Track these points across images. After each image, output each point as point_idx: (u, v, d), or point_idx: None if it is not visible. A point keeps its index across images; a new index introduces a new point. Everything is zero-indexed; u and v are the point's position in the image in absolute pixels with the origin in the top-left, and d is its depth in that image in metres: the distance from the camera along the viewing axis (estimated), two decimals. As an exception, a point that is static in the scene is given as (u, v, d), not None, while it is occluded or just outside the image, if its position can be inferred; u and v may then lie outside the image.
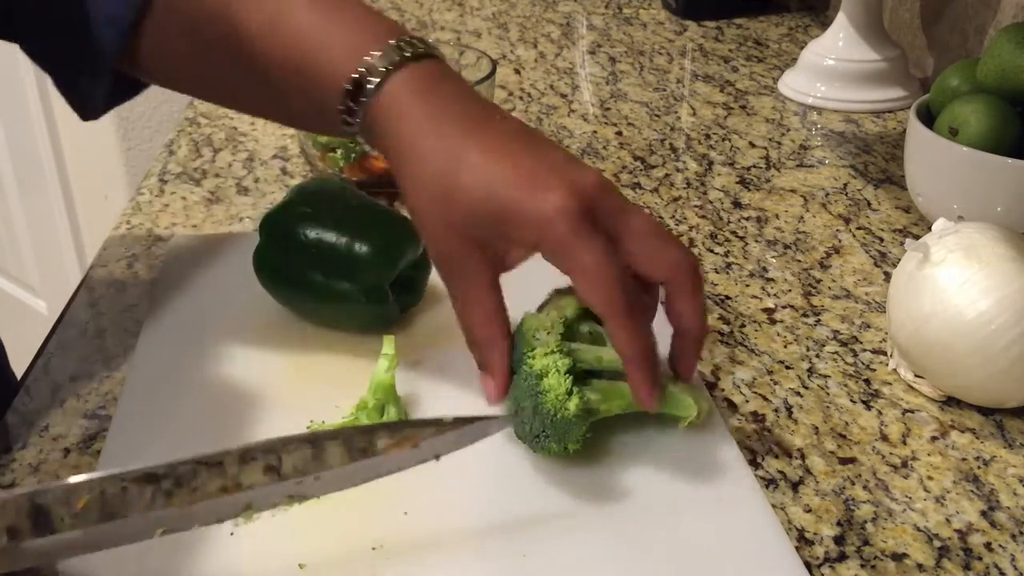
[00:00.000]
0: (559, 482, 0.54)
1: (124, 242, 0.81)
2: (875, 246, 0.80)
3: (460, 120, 0.54)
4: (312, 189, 0.70)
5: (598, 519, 0.52)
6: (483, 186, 0.51)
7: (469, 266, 0.53)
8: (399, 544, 0.50)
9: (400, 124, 0.54)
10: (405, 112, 0.54)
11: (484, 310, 0.54)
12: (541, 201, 0.50)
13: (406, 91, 0.54)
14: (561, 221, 0.50)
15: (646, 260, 0.52)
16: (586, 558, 0.49)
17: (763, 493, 0.54)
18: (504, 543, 0.50)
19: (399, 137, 0.54)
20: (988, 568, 0.51)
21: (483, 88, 0.90)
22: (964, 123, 0.74)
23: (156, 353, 0.65)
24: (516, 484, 0.54)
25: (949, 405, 0.62)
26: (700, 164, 0.93)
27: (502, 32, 1.31)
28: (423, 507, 0.52)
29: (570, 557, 0.49)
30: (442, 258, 0.54)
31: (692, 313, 0.54)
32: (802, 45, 1.13)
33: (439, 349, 0.64)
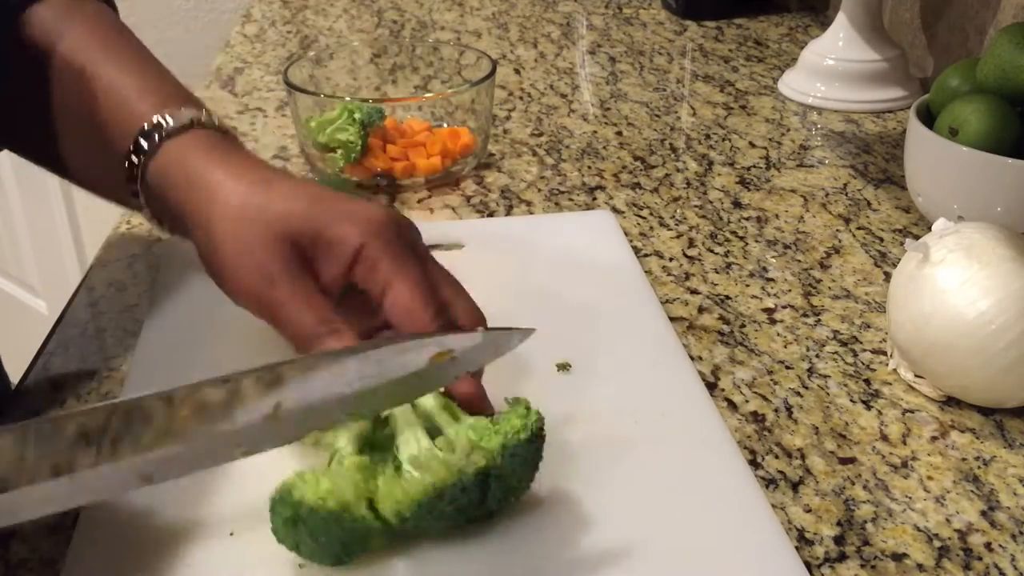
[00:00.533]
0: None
1: (124, 242, 0.81)
2: (875, 246, 0.80)
3: (259, 165, 0.55)
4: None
5: (596, 519, 0.52)
6: (301, 198, 0.52)
7: (290, 268, 0.51)
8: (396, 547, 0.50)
9: (190, 164, 0.54)
10: (196, 156, 0.55)
11: (318, 309, 0.51)
12: (367, 208, 0.52)
13: (198, 143, 0.55)
14: (390, 225, 0.52)
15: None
16: (584, 558, 0.49)
17: (763, 493, 0.54)
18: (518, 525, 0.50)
19: (197, 177, 0.54)
20: (988, 568, 0.51)
21: (483, 88, 0.90)
22: (964, 123, 0.74)
23: (156, 352, 0.65)
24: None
25: (949, 405, 0.62)
26: (700, 164, 0.93)
27: (502, 32, 1.31)
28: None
29: (565, 558, 0.49)
30: (257, 271, 0.51)
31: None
32: (802, 45, 1.13)
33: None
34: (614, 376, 0.62)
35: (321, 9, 1.41)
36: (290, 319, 0.51)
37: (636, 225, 0.83)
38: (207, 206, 0.53)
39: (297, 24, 1.36)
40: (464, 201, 0.87)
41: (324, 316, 0.50)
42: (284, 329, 0.51)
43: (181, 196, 0.55)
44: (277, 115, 1.05)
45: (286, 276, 0.51)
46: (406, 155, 0.88)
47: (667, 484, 0.54)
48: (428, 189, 0.89)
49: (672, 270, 0.76)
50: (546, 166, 0.93)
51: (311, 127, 0.88)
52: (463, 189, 0.89)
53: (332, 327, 0.50)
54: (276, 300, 0.51)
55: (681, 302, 0.72)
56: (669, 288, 0.74)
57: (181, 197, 0.55)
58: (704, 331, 0.69)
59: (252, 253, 0.51)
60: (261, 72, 1.18)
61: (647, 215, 0.85)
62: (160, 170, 0.56)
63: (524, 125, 1.02)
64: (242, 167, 0.55)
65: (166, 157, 0.55)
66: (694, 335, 0.69)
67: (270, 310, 0.51)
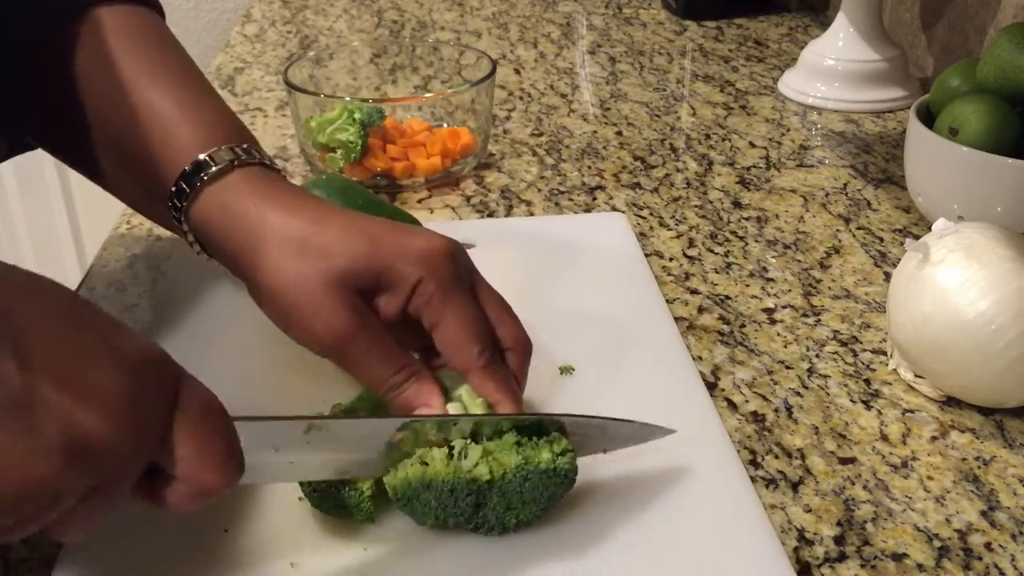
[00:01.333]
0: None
1: (124, 242, 0.81)
2: (875, 246, 0.80)
3: (307, 202, 0.55)
4: (322, 186, 0.70)
5: (592, 519, 0.52)
6: (359, 236, 0.52)
7: (359, 315, 0.51)
8: (389, 546, 0.50)
9: (237, 206, 0.54)
10: (241, 198, 0.54)
11: (391, 352, 0.52)
12: (422, 242, 0.52)
13: (240, 184, 0.55)
14: (443, 258, 0.52)
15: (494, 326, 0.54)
16: (581, 558, 0.49)
17: (756, 493, 0.54)
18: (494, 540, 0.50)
19: (238, 217, 0.53)
20: (988, 568, 0.51)
21: (483, 88, 0.90)
22: (964, 123, 0.74)
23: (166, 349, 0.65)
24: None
25: (949, 405, 0.62)
26: (700, 164, 0.93)
27: (502, 32, 1.31)
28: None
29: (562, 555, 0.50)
30: (328, 321, 0.51)
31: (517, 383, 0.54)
32: (802, 45, 1.13)
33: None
34: (616, 379, 0.62)
35: (321, 9, 1.41)
36: (370, 370, 0.52)
37: (636, 225, 0.83)
38: (260, 248, 0.52)
39: (297, 24, 1.36)
40: (464, 201, 0.87)
41: (401, 362, 0.52)
42: (360, 377, 0.52)
43: (230, 239, 0.54)
44: (277, 115, 1.05)
45: (357, 326, 0.51)
46: (406, 155, 0.88)
47: (662, 485, 0.54)
48: (428, 189, 0.89)
49: (672, 270, 0.76)
50: (546, 166, 0.93)
51: (311, 127, 0.88)
52: (463, 189, 0.89)
53: (410, 372, 0.52)
54: (350, 352, 0.51)
55: (681, 302, 0.72)
56: (669, 288, 0.74)
57: (230, 240, 0.54)
58: (704, 331, 0.69)
59: (317, 301, 0.51)
60: (261, 72, 1.18)
61: (647, 215, 0.85)
62: (204, 213, 0.55)
63: (524, 125, 1.02)
64: (290, 205, 0.54)
65: (209, 200, 0.55)
66: (694, 335, 0.69)
67: (343, 361, 0.52)
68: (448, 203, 0.87)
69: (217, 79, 1.15)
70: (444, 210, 0.86)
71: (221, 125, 0.58)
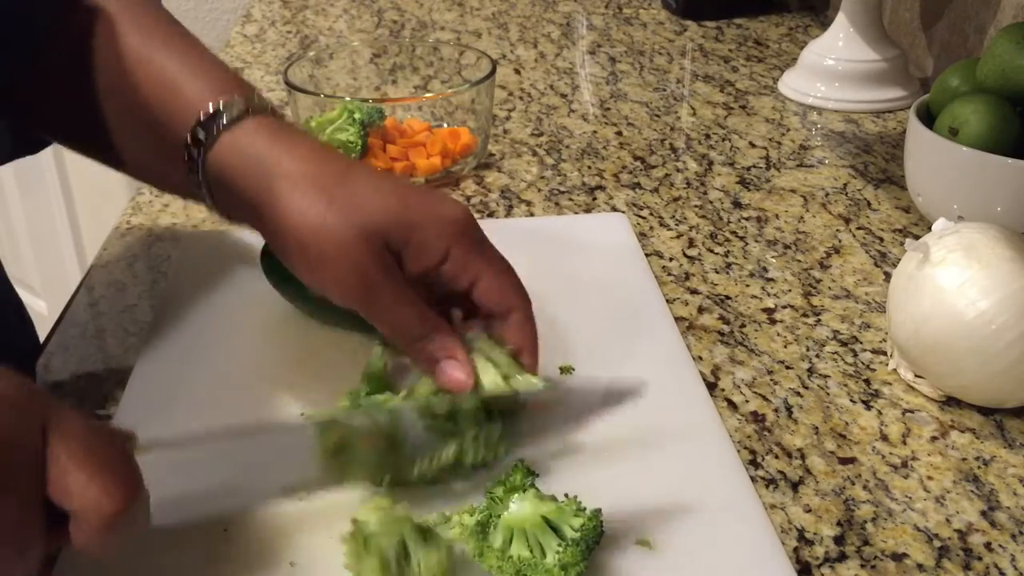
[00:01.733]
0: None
1: (124, 242, 0.81)
2: (875, 246, 0.80)
3: (329, 152, 0.55)
4: None
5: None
6: (390, 195, 0.53)
7: (386, 267, 0.52)
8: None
9: (263, 153, 0.54)
10: (266, 144, 0.54)
11: (414, 305, 0.52)
12: (452, 205, 0.54)
13: (260, 130, 0.55)
14: (470, 224, 0.54)
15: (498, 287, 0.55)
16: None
17: (756, 493, 0.54)
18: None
19: (266, 164, 0.53)
20: (988, 568, 0.51)
21: (483, 88, 0.90)
22: (964, 123, 0.74)
23: (160, 352, 0.65)
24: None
25: (949, 405, 0.62)
26: (700, 164, 0.93)
27: (502, 32, 1.31)
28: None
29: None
30: (355, 271, 0.51)
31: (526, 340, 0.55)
32: (802, 45, 1.13)
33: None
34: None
35: (321, 9, 1.41)
36: (394, 320, 0.53)
37: (636, 225, 0.83)
38: (283, 191, 0.52)
39: (297, 24, 1.36)
40: (464, 201, 0.87)
41: (424, 315, 0.53)
42: (385, 327, 0.53)
43: (250, 184, 0.54)
44: (277, 115, 1.05)
45: (385, 277, 0.52)
46: (406, 155, 0.88)
47: (661, 485, 0.54)
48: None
49: (672, 270, 0.76)
50: (546, 166, 0.93)
51: (311, 127, 0.88)
52: (463, 189, 0.89)
53: (433, 325, 0.53)
54: (378, 301, 0.52)
55: (681, 302, 0.72)
56: (669, 288, 0.74)
57: (250, 185, 0.54)
58: (704, 331, 0.69)
59: (347, 250, 0.51)
60: (261, 72, 1.18)
61: (647, 215, 0.85)
62: (222, 159, 0.55)
63: (524, 125, 1.02)
64: (311, 152, 0.54)
65: (227, 146, 0.55)
66: (694, 335, 0.69)
67: (369, 309, 0.53)
68: (448, 203, 0.87)
69: (217, 79, 1.15)
70: (444, 210, 0.86)
71: (229, 79, 0.58)
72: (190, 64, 0.58)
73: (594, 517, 0.48)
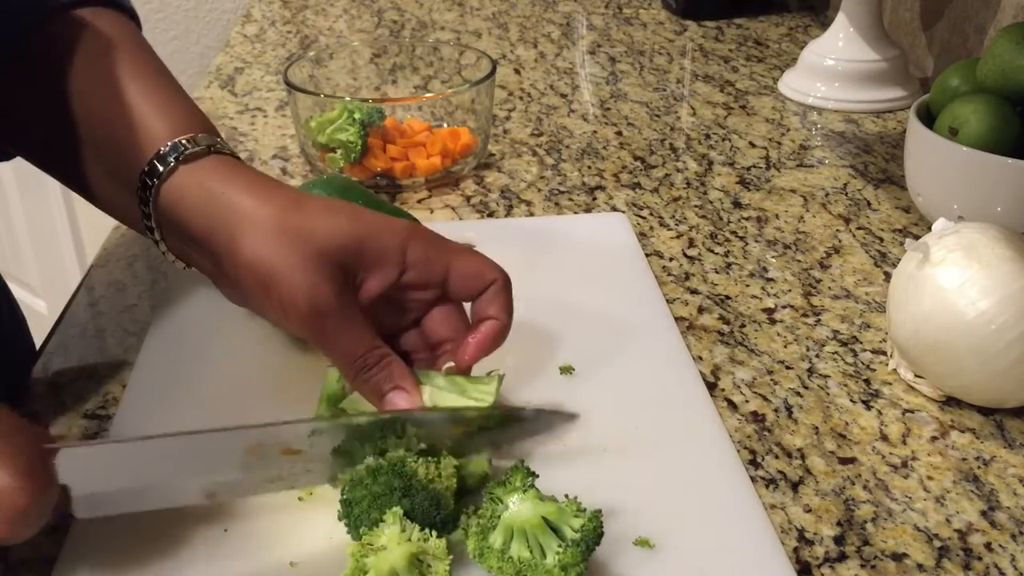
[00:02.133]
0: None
1: (124, 242, 0.81)
2: (875, 246, 0.80)
3: (283, 186, 0.55)
4: (322, 186, 0.70)
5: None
6: (340, 216, 0.53)
7: (341, 295, 0.52)
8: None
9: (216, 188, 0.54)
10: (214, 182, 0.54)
11: (366, 334, 0.52)
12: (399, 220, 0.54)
13: (215, 169, 0.55)
14: (422, 228, 0.55)
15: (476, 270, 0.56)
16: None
17: (756, 493, 0.54)
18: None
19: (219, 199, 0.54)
20: (988, 568, 0.51)
21: (483, 88, 0.90)
22: (964, 123, 0.74)
23: (160, 352, 0.65)
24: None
25: (949, 405, 0.62)
26: (700, 164, 0.93)
27: (502, 32, 1.31)
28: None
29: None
30: (307, 298, 0.51)
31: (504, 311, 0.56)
32: (802, 45, 1.13)
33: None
34: (615, 378, 0.62)
35: (321, 9, 1.41)
36: (341, 349, 0.52)
37: (636, 225, 0.83)
38: (235, 229, 0.52)
39: (297, 24, 1.36)
40: (464, 201, 0.87)
41: (373, 344, 0.53)
42: (333, 356, 0.53)
43: (200, 219, 0.54)
44: (277, 115, 1.05)
45: (336, 304, 0.51)
46: (406, 155, 0.88)
47: (661, 485, 0.54)
48: (428, 189, 0.89)
49: (672, 270, 0.76)
50: (546, 166, 0.93)
51: (311, 127, 0.88)
52: (463, 189, 0.89)
53: (382, 355, 0.53)
54: (325, 329, 0.52)
55: (681, 302, 0.72)
56: (669, 288, 0.74)
57: (200, 221, 0.54)
58: (704, 331, 0.69)
59: (296, 274, 0.51)
60: (261, 72, 1.18)
61: (647, 215, 0.85)
62: (175, 193, 0.55)
63: (524, 125, 1.02)
64: (266, 189, 0.54)
65: (182, 179, 0.55)
66: (694, 335, 0.69)
67: (318, 337, 0.52)
68: (448, 203, 0.87)
69: (217, 79, 1.15)
70: (444, 210, 0.86)
71: (196, 120, 0.58)
72: (160, 102, 0.58)
73: (594, 518, 0.48)
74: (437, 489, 0.49)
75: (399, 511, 0.47)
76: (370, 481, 0.48)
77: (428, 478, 0.49)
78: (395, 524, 0.46)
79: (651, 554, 0.50)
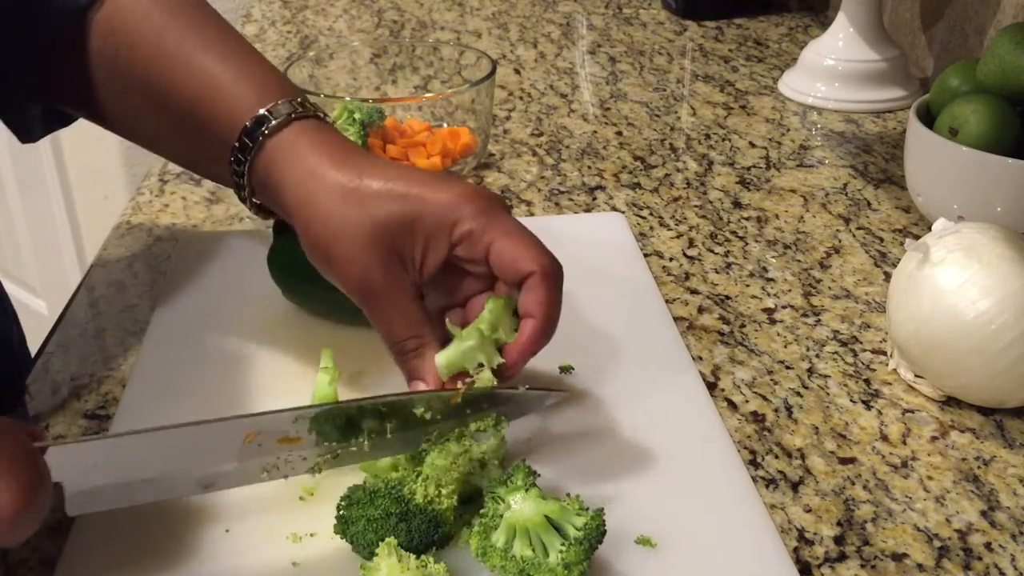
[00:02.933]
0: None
1: (124, 242, 0.81)
2: (875, 246, 0.80)
3: (356, 152, 0.56)
4: None
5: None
6: (394, 187, 0.53)
7: (390, 275, 0.53)
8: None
9: (296, 157, 0.55)
10: (301, 149, 0.56)
11: (410, 319, 0.54)
12: (452, 187, 0.54)
13: (300, 136, 0.56)
14: (476, 197, 0.53)
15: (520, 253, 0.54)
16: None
17: (756, 493, 0.54)
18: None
19: (296, 167, 0.55)
20: (988, 568, 0.51)
21: (483, 88, 0.90)
22: (964, 123, 0.74)
23: (160, 352, 0.65)
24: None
25: (949, 405, 0.62)
26: (700, 164, 0.93)
27: (502, 32, 1.31)
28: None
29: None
30: (360, 274, 0.53)
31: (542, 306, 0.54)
32: (802, 45, 1.13)
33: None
34: (615, 378, 0.62)
35: (321, 9, 1.41)
36: (386, 329, 0.54)
37: (636, 225, 0.83)
38: (310, 198, 0.54)
39: (297, 24, 1.36)
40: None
41: (415, 331, 0.54)
42: (378, 330, 0.55)
43: (286, 190, 0.56)
44: (277, 115, 1.05)
45: (384, 283, 0.53)
46: (406, 155, 0.88)
47: (662, 484, 0.54)
48: (428, 189, 0.89)
49: (672, 270, 0.76)
50: (546, 166, 0.93)
51: (311, 127, 0.88)
52: (463, 189, 0.89)
53: (420, 343, 0.54)
54: (374, 308, 0.54)
55: (681, 302, 0.72)
56: (669, 288, 0.74)
57: (285, 191, 0.56)
58: (704, 331, 0.69)
59: (353, 253, 0.53)
60: (261, 72, 1.18)
61: (647, 215, 0.85)
62: (265, 166, 0.56)
63: (524, 125, 1.02)
64: (340, 157, 0.55)
65: (270, 153, 0.56)
66: (694, 335, 0.69)
67: (369, 314, 0.54)
68: (448, 203, 0.87)
69: (217, 79, 1.15)
70: (444, 210, 0.86)
71: (274, 82, 0.59)
72: (234, 67, 0.59)
73: (597, 516, 0.48)
74: (436, 510, 0.49)
75: (393, 541, 0.47)
76: (367, 503, 0.48)
77: (427, 499, 0.49)
78: (391, 556, 0.46)
79: (653, 553, 0.50)
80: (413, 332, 0.54)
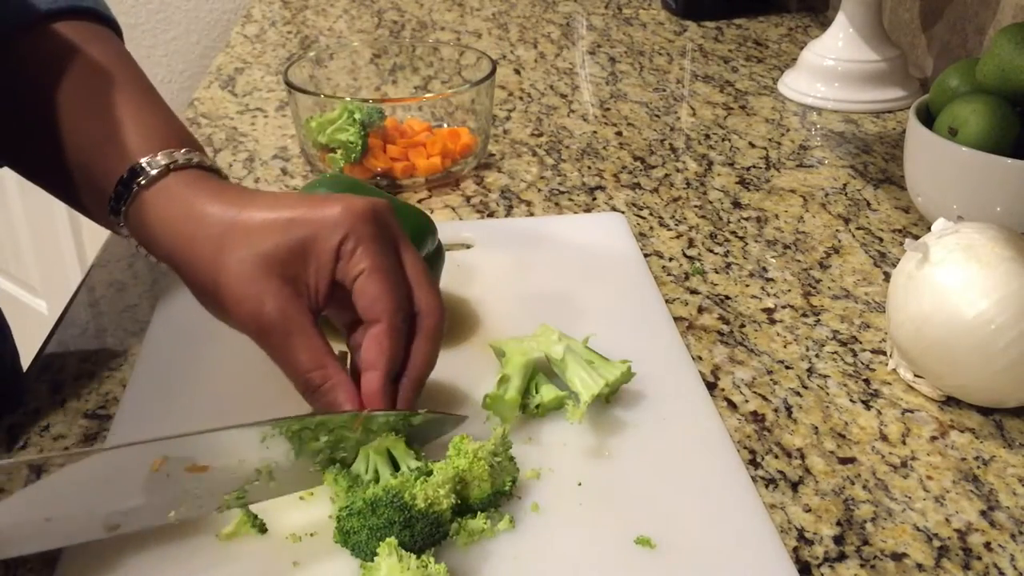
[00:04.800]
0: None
1: (124, 242, 0.81)
2: (875, 246, 0.80)
3: (235, 189, 0.55)
4: (327, 184, 0.70)
5: (590, 518, 0.52)
6: (278, 216, 0.52)
7: (286, 306, 0.51)
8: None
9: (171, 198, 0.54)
10: (178, 191, 0.54)
11: (313, 350, 0.52)
12: (344, 207, 0.52)
13: (177, 180, 0.55)
14: (365, 220, 0.52)
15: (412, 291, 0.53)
16: (582, 556, 0.49)
17: (756, 492, 0.54)
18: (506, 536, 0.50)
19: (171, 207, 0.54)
20: (988, 568, 0.51)
21: (483, 88, 0.90)
22: (964, 123, 0.74)
23: (160, 352, 0.65)
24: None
25: (949, 405, 0.62)
26: (700, 164, 0.94)
27: (502, 32, 1.31)
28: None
29: (562, 555, 0.50)
30: (253, 312, 0.51)
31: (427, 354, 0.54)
32: (802, 45, 1.13)
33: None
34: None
35: (321, 9, 1.42)
36: (288, 360, 0.52)
37: (636, 225, 0.83)
38: (188, 246, 0.53)
39: (297, 24, 1.36)
40: (464, 201, 0.87)
41: (320, 362, 0.52)
42: (281, 366, 0.53)
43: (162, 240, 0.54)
44: (277, 115, 1.05)
45: (279, 316, 0.51)
46: (406, 155, 0.88)
47: (661, 484, 0.54)
48: (428, 189, 0.89)
49: (672, 270, 0.76)
50: (546, 166, 0.93)
51: (311, 127, 0.88)
52: (463, 189, 0.89)
53: (326, 376, 0.52)
54: (273, 343, 0.52)
55: (681, 302, 0.72)
56: (669, 288, 0.74)
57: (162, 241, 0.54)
58: (704, 331, 0.69)
59: (241, 291, 0.51)
60: (261, 72, 1.18)
61: (647, 215, 0.85)
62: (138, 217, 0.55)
63: (524, 125, 1.02)
64: (216, 199, 0.54)
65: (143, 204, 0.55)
66: (694, 335, 0.69)
67: (269, 348, 0.52)
68: (448, 203, 0.87)
69: (217, 79, 1.15)
70: (444, 210, 0.86)
71: (164, 132, 0.58)
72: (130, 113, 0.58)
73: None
74: (437, 511, 0.49)
75: (394, 541, 0.46)
76: (369, 513, 0.48)
77: (428, 503, 0.48)
78: (391, 555, 0.46)
79: (652, 553, 0.50)
80: (317, 363, 0.51)
